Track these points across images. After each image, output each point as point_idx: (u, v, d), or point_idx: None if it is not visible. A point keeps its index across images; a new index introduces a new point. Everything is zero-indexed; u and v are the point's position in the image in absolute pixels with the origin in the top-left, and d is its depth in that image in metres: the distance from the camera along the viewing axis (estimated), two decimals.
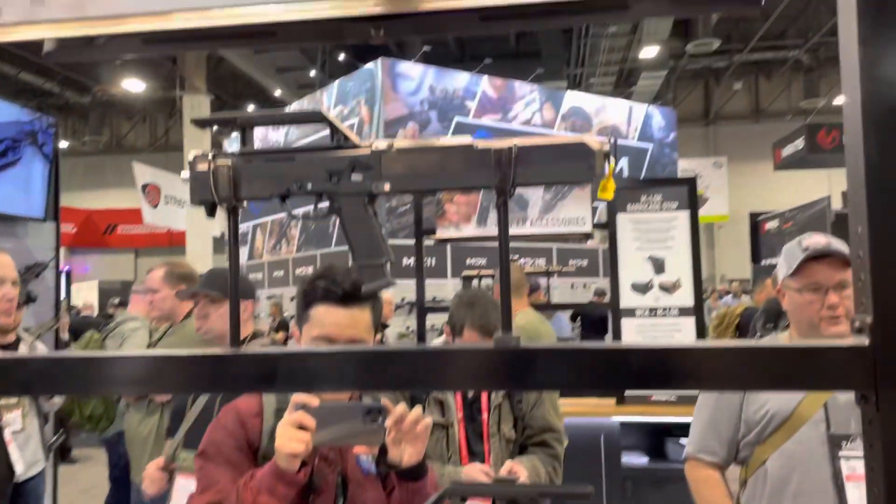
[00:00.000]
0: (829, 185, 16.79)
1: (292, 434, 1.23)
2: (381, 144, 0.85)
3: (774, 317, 5.07)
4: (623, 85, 19.22)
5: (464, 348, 0.84)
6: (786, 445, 1.81)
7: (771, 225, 16.48)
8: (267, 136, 10.58)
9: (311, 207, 0.93)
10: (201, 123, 0.87)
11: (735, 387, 0.75)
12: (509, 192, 0.82)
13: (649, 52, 16.28)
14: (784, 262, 1.94)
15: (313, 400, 1.25)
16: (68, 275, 8.84)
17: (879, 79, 0.75)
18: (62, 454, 6.86)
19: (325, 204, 0.87)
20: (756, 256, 17.28)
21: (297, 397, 1.26)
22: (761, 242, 17.22)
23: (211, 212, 0.88)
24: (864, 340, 0.74)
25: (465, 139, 0.83)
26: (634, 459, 3.85)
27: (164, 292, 3.09)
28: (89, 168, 23.97)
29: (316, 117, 0.86)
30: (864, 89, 0.75)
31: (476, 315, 2.13)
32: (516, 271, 4.29)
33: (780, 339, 2.08)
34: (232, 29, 0.92)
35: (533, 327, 3.95)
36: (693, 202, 3.86)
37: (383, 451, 1.36)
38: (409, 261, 8.20)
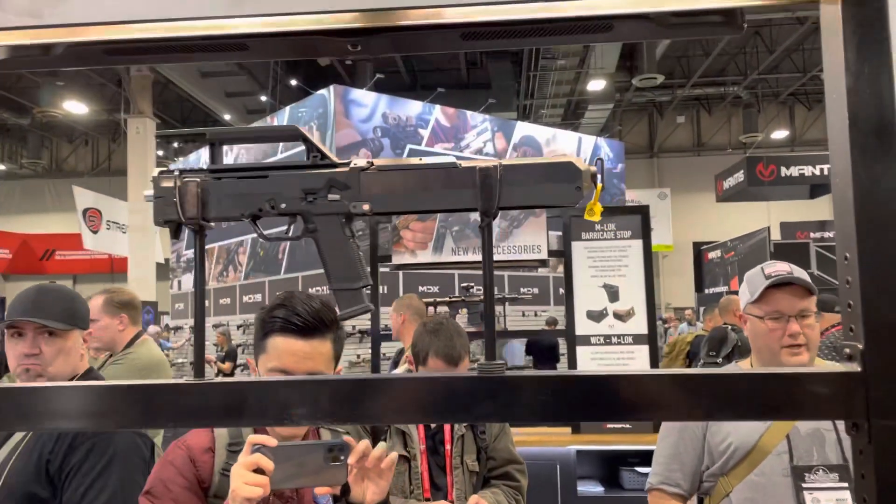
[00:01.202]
0: (768, 216, 17.38)
1: (249, 477, 1.15)
2: (360, 163, 0.81)
3: (717, 345, 5.15)
4: (571, 117, 19.61)
5: (447, 376, 0.80)
6: (749, 477, 1.80)
7: (714, 254, 16.92)
8: None
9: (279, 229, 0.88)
10: (168, 137, 0.82)
11: (728, 417, 0.73)
12: (493, 214, 0.79)
13: (596, 85, 16.66)
14: (747, 288, 1.94)
15: (270, 440, 1.18)
16: (2, 302, 8.47)
17: (866, 107, 0.75)
18: None
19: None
20: (700, 285, 17.71)
21: (254, 438, 1.19)
22: (705, 271, 17.65)
23: (176, 233, 0.82)
24: (856, 367, 0.73)
25: (448, 158, 0.80)
26: (590, 488, 3.83)
27: (103, 321, 2.96)
28: (27, 192, 23.19)
29: (291, 133, 0.81)
30: (852, 118, 0.75)
31: (440, 343, 2.09)
32: (415, 299, 4.24)
33: (741, 364, 2.09)
34: (200, 41, 0.87)
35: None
36: (646, 231, 3.91)
37: (345, 489, 1.30)
38: None
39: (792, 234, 16.92)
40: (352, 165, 0.81)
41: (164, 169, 0.82)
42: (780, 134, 21.87)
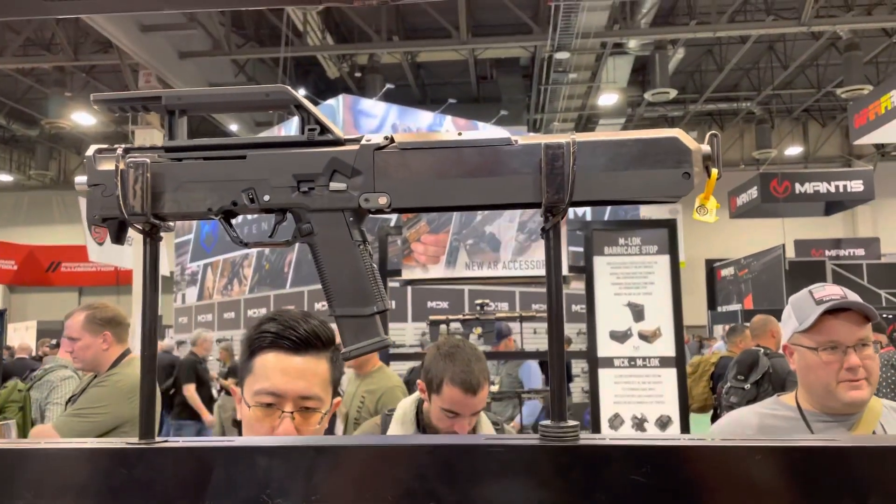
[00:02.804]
0: (783, 233, 17.08)
1: None
2: (376, 139, 0.58)
3: (746, 369, 4.86)
4: (582, 131, 19.37)
5: (492, 443, 0.56)
6: None
7: (727, 272, 16.65)
8: None
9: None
10: (108, 103, 0.59)
11: None
12: (563, 211, 0.55)
13: (608, 99, 16.46)
14: (794, 315, 1.72)
15: None
16: (2, 314, 8.27)
17: None
18: None
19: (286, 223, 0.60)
20: (712, 303, 17.41)
21: None
22: (717, 289, 17.37)
23: (118, 235, 0.59)
24: None
25: (498, 132, 0.57)
26: None
27: (85, 340, 2.72)
28: (34, 203, 23.12)
29: (279, 96, 0.58)
30: None
31: (457, 369, 1.84)
32: None
33: (783, 400, 1.82)
34: None
35: (391, 391, 3.35)
36: (673, 246, 3.67)
37: None
38: None
39: (807, 252, 16.64)
40: (363, 142, 0.58)
41: (105, 147, 0.59)
42: (793, 150, 21.61)
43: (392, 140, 0.58)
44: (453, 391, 1.84)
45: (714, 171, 0.56)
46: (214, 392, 9.21)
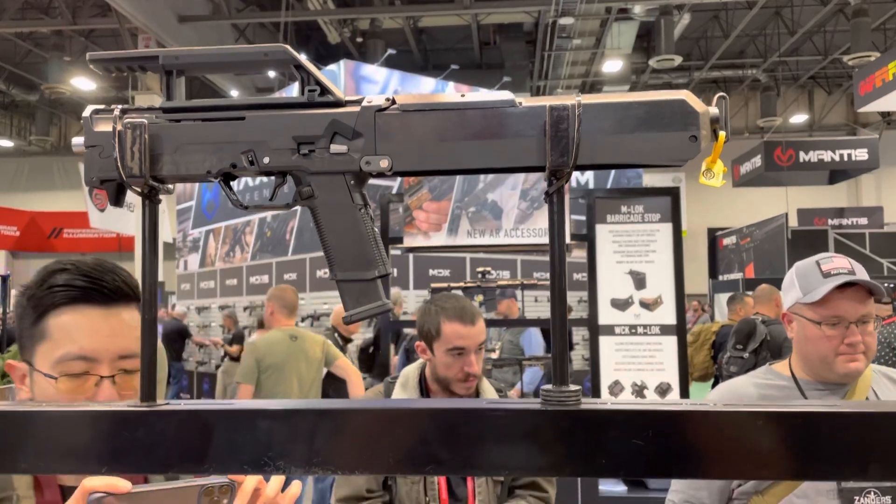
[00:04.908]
0: (786, 202, 17.04)
1: None
2: (377, 100, 0.57)
3: (745, 338, 4.87)
4: None
5: (493, 407, 0.56)
6: (789, 498, 1.56)
7: (728, 241, 16.64)
8: None
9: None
10: (105, 62, 0.58)
11: None
12: (567, 175, 0.55)
13: (612, 66, 16.29)
14: (798, 284, 1.69)
15: (120, 484, 0.77)
16: (4, 280, 8.30)
17: None
18: None
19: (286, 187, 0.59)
20: (714, 271, 17.43)
21: (90, 482, 0.78)
22: (719, 258, 17.38)
23: (116, 198, 0.58)
24: None
25: (502, 94, 0.56)
26: (612, 488, 3.61)
27: None
28: (35, 169, 23.07)
29: (278, 55, 0.57)
30: None
31: (449, 306, 1.91)
32: (288, 292, 4.35)
33: (776, 369, 1.82)
34: None
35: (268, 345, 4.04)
36: (676, 214, 3.66)
37: None
38: None
39: (809, 221, 16.60)
40: (364, 104, 0.57)
41: (102, 107, 0.58)
42: (798, 118, 21.43)
43: (394, 101, 0.57)
44: (452, 326, 1.86)
45: (722, 134, 0.55)
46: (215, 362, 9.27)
